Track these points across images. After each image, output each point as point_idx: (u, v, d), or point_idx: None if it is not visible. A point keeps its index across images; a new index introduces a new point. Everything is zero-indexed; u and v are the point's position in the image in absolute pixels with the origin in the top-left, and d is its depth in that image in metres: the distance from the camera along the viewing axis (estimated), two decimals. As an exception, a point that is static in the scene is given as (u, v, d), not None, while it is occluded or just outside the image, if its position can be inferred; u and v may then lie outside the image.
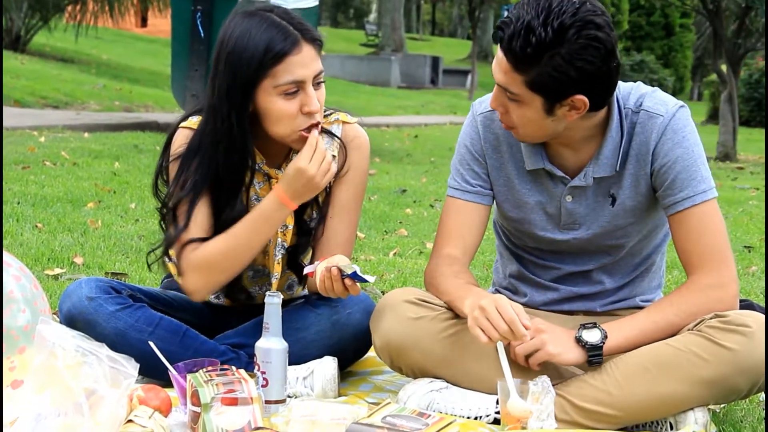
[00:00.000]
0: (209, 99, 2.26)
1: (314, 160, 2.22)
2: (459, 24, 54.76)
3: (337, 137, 2.42)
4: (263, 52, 2.18)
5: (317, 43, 2.26)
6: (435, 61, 29.95)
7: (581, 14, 2.04)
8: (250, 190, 2.39)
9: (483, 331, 2.06)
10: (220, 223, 2.32)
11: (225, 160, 2.28)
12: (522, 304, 2.38)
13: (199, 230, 2.31)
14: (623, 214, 2.31)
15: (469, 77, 27.25)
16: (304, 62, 2.22)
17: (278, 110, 2.23)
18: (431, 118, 17.51)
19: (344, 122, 2.44)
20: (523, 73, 2.09)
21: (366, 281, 2.18)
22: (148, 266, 2.45)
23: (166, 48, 18.72)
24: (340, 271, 2.18)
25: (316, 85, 2.26)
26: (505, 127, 2.24)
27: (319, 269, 2.22)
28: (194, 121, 2.37)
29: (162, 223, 2.41)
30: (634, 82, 2.33)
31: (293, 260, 2.42)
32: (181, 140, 2.36)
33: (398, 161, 9.80)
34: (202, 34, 8.53)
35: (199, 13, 8.57)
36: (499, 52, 2.12)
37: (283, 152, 2.39)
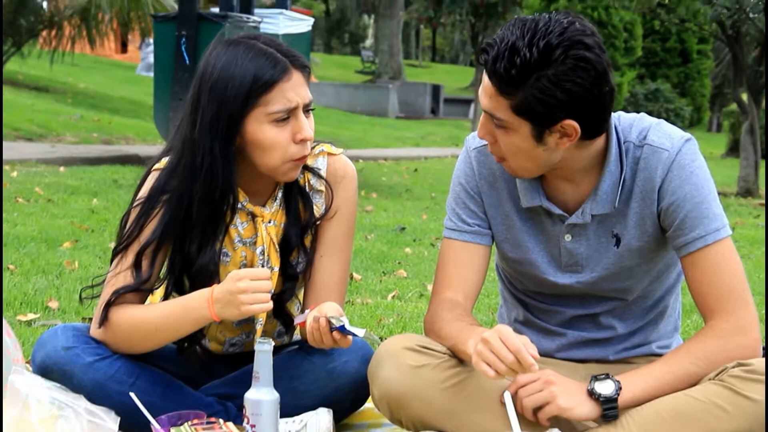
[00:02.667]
0: (187, 134, 2.27)
1: (251, 284, 2.17)
2: (461, 50, 55.09)
3: (322, 177, 2.43)
4: (252, 81, 2.21)
5: (306, 70, 2.30)
6: (435, 89, 30.09)
7: (569, 34, 2.06)
8: (233, 232, 2.40)
9: (488, 364, 2.05)
10: (192, 274, 2.33)
11: (202, 199, 2.28)
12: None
13: (141, 280, 2.32)
14: (629, 256, 2.31)
15: (472, 107, 27.37)
16: (295, 88, 2.25)
17: (270, 139, 2.25)
18: (432, 151, 17.57)
19: (329, 154, 2.46)
20: (509, 96, 2.11)
21: (354, 335, 2.19)
22: (80, 300, 2.46)
23: (147, 76, 18.73)
24: (329, 322, 2.19)
25: (306, 113, 2.29)
26: (496, 159, 2.26)
27: (309, 319, 2.22)
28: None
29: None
30: (649, 111, 2.35)
31: (279, 307, 2.43)
32: (148, 186, 2.37)
33: (397, 197, 9.82)
34: (187, 61, 8.59)
35: (183, 39, 8.64)
36: (484, 77, 2.15)
37: (268, 189, 2.41)
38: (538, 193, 2.32)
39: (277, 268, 2.41)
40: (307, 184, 2.43)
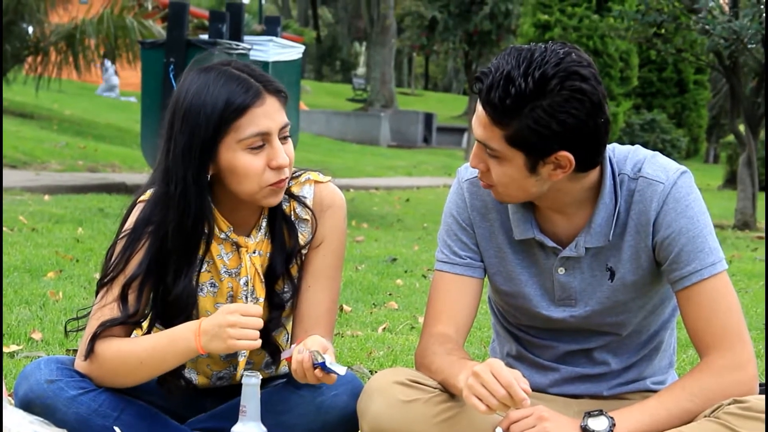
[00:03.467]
0: (163, 163, 2.30)
1: (241, 319, 2.18)
2: (454, 78, 55.31)
3: (307, 206, 2.44)
4: (223, 107, 2.23)
5: (281, 95, 2.31)
6: (428, 117, 30.18)
7: (565, 65, 2.09)
8: (219, 263, 2.40)
9: (480, 399, 2.06)
10: (167, 306, 2.34)
11: (176, 228, 2.29)
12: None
13: (128, 314, 2.32)
14: (623, 290, 2.32)
15: (465, 136, 27.46)
16: (268, 114, 2.27)
17: (244, 166, 2.26)
18: (424, 180, 17.60)
19: (316, 182, 2.47)
20: (503, 127, 2.12)
21: (335, 373, 2.19)
22: (65, 332, 2.46)
23: (135, 103, 18.77)
24: (312, 358, 2.19)
25: (283, 139, 2.31)
26: (483, 185, 2.28)
27: (294, 354, 2.23)
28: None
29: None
30: (645, 142, 2.37)
31: (265, 337, 2.43)
32: (132, 219, 2.38)
33: (388, 227, 9.83)
34: (175, 88, 8.62)
35: (171, 66, 8.65)
36: (478, 106, 2.17)
37: (253, 218, 2.42)
38: (531, 225, 2.33)
39: (262, 299, 2.42)
40: (292, 213, 2.44)
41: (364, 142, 25.72)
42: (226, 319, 2.18)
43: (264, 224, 2.42)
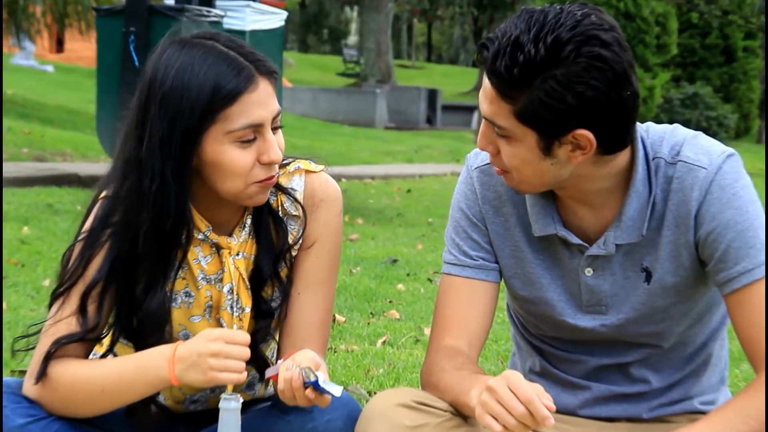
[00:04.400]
0: (132, 152, 2.27)
1: (225, 347, 2.16)
2: (461, 48, 55.36)
3: (297, 200, 2.43)
4: (211, 92, 2.21)
5: (273, 76, 2.30)
6: (432, 94, 30.20)
7: (582, 28, 2.08)
8: (195, 268, 2.39)
9: (495, 418, 2.03)
10: (139, 323, 2.32)
11: (150, 231, 2.27)
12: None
13: (87, 328, 2.30)
14: (662, 293, 2.32)
15: (475, 115, 27.48)
16: (262, 101, 2.25)
17: (231, 162, 2.25)
18: (428, 167, 17.60)
19: (307, 171, 2.46)
20: (511, 101, 2.12)
21: (329, 394, 2.19)
22: (12, 352, 2.44)
23: (88, 80, 18.71)
24: (303, 375, 2.19)
25: (274, 129, 2.30)
26: (496, 171, 2.28)
27: (281, 372, 2.22)
28: None
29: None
30: (686, 120, 2.37)
31: (252, 350, 2.42)
32: (92, 217, 2.36)
33: (387, 223, 9.84)
34: (137, 63, 8.60)
35: (132, 36, 8.66)
36: (484, 78, 2.16)
37: (235, 215, 2.41)
38: (553, 219, 2.33)
39: (248, 309, 2.41)
40: (280, 207, 2.44)
41: (357, 123, 25.73)
42: (208, 348, 2.16)
43: (248, 222, 2.41)
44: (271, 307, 2.44)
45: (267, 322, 2.44)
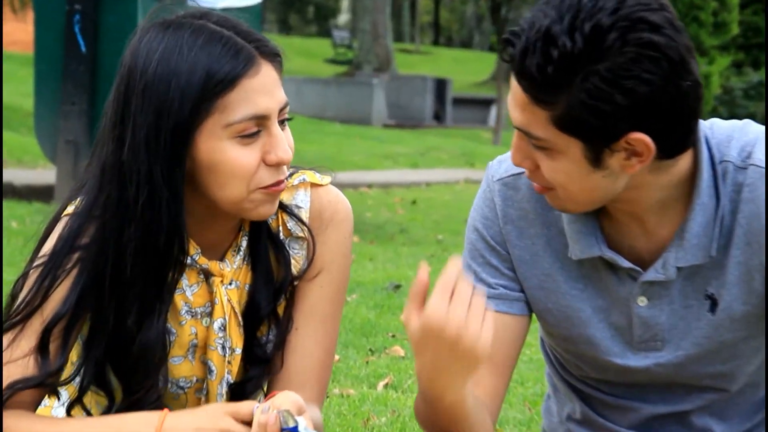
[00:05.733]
0: (109, 157, 2.26)
1: (237, 428, 2.16)
2: (476, 29, 55.50)
3: (302, 221, 2.41)
4: (204, 77, 2.19)
5: (278, 60, 2.29)
6: (440, 85, 30.27)
7: (626, 10, 2.06)
8: (178, 300, 2.37)
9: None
10: (133, 360, 2.28)
11: (139, 249, 2.24)
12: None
13: (48, 371, 2.28)
14: (730, 325, 2.31)
15: (493, 110, 27.55)
16: (266, 87, 2.24)
17: (231, 162, 2.23)
18: (436, 174, 17.64)
19: (313, 185, 2.45)
20: (548, 106, 2.11)
21: None
22: None
23: (24, 68, 18.75)
24: (280, 420, 2.19)
25: (281, 123, 2.29)
26: (537, 189, 2.26)
27: (256, 415, 2.22)
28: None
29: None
30: (750, 114, 2.35)
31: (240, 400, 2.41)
32: (53, 238, 2.32)
33: (388, 241, 9.85)
34: (83, 49, 8.62)
35: (77, 16, 8.67)
36: (513, 81, 2.16)
37: (228, 236, 2.39)
38: (596, 239, 2.32)
39: (239, 350, 2.40)
40: (281, 228, 2.42)
41: (350, 120, 25.76)
42: (217, 426, 2.16)
43: (244, 244, 2.40)
44: (266, 352, 2.42)
45: (260, 369, 2.42)
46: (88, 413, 2.36)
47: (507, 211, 2.40)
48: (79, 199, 2.34)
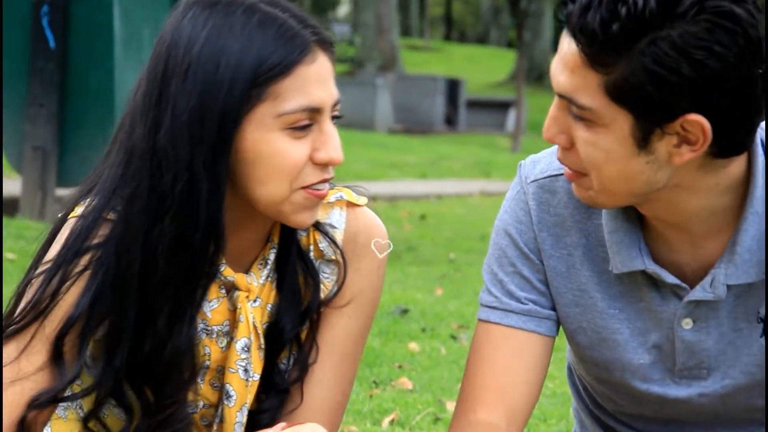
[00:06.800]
0: (141, 142, 2.24)
1: None
2: (492, 23, 55.54)
3: (336, 243, 2.41)
4: (258, 58, 2.20)
5: (332, 51, 2.31)
6: (452, 86, 30.29)
7: None
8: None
9: None
10: (164, 366, 2.27)
11: (174, 244, 2.23)
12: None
13: (63, 377, 2.28)
14: None
15: (512, 113, 27.54)
16: (321, 78, 2.26)
17: (279, 155, 2.23)
18: (448, 185, 17.64)
19: (350, 204, 2.45)
20: (604, 69, 2.11)
21: None
22: None
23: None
24: None
25: (332, 119, 2.30)
26: (567, 175, 2.27)
27: None
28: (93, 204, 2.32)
29: None
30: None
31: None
32: (60, 241, 2.31)
33: (394, 260, 9.85)
34: (52, 45, 8.64)
35: (45, 7, 8.70)
36: (564, 41, 2.16)
37: (256, 246, 2.39)
38: (639, 251, 2.32)
39: (257, 376, 2.40)
40: (313, 247, 2.43)
41: (351, 125, 25.76)
42: None
43: (271, 257, 2.40)
44: (285, 380, 2.43)
45: (277, 400, 2.43)
46: (105, 428, 2.36)
47: (542, 217, 2.40)
48: (89, 199, 2.32)
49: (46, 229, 2.37)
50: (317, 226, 2.40)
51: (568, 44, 2.13)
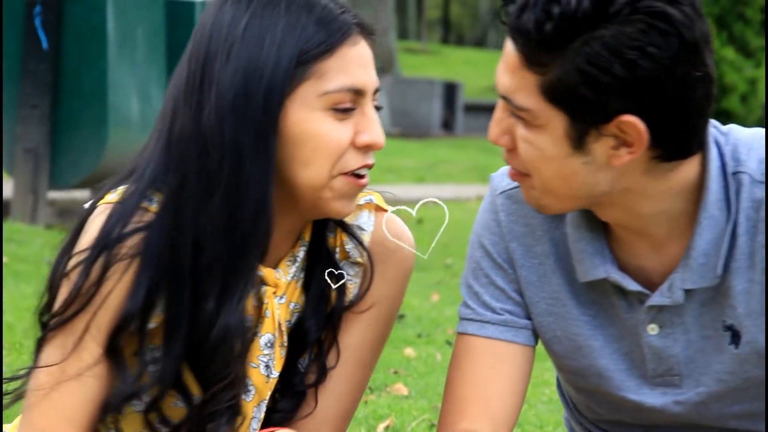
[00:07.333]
0: (186, 124, 2.24)
1: None
2: (490, 26, 55.57)
3: (364, 246, 2.42)
4: (303, 37, 2.23)
5: (373, 40, 2.33)
6: (450, 89, 30.29)
7: None
8: None
9: None
10: (209, 351, 2.26)
11: (221, 223, 2.22)
12: None
13: (126, 377, 2.27)
14: (757, 360, 2.31)
15: (511, 117, 27.49)
16: (364, 61, 2.30)
17: (322, 135, 2.25)
18: (445, 190, 17.65)
19: (379, 208, 2.47)
20: (539, 69, 2.12)
21: None
22: None
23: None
24: None
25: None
26: (512, 175, 2.28)
27: None
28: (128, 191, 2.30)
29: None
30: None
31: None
32: (97, 227, 2.27)
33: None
34: (45, 45, 8.65)
35: (38, 8, 8.70)
36: (506, 43, 2.17)
37: (287, 240, 2.39)
38: (603, 259, 2.32)
39: (276, 374, 2.40)
40: (339, 249, 2.43)
41: (347, 128, 25.80)
42: None
43: (300, 255, 2.40)
44: (303, 383, 2.43)
45: (293, 403, 2.43)
46: (164, 419, 2.34)
47: (512, 227, 2.42)
48: (124, 186, 2.31)
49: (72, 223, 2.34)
50: (345, 226, 2.41)
51: (508, 45, 2.16)
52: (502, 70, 2.18)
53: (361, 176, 2.30)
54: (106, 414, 2.28)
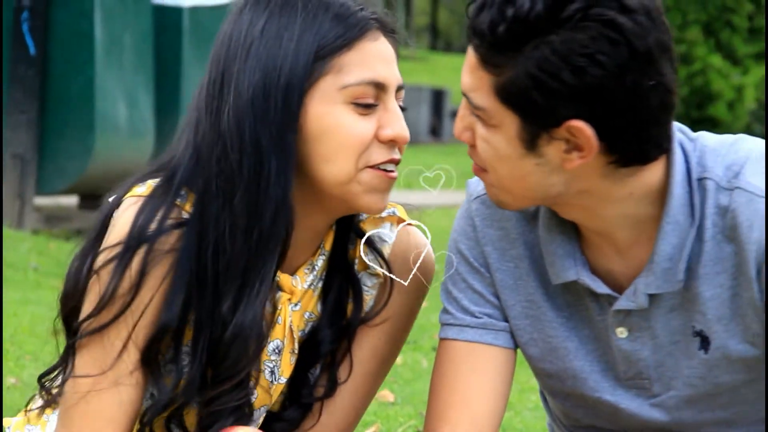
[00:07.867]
0: (207, 128, 2.24)
1: None
2: (479, 32, 55.40)
3: (383, 257, 2.42)
4: (321, 32, 2.24)
5: (394, 37, 2.34)
6: (437, 96, 30.25)
7: None
8: None
9: None
10: (224, 349, 2.25)
11: (241, 221, 2.22)
12: None
13: (163, 387, 2.27)
14: (728, 366, 2.31)
15: (499, 124, 27.44)
16: (384, 56, 2.30)
17: (344, 129, 2.25)
18: (432, 197, 17.59)
19: (400, 221, 2.47)
20: (494, 70, 2.13)
21: None
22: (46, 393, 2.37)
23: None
24: None
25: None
26: (474, 170, 2.29)
27: None
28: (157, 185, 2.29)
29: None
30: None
31: None
32: (128, 221, 2.25)
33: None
34: (33, 51, 8.63)
35: (25, 13, 8.68)
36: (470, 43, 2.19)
37: (307, 247, 2.38)
38: (574, 262, 2.33)
39: (284, 379, 2.40)
40: (358, 260, 2.42)
41: (334, 135, 25.74)
42: None
43: (319, 264, 2.40)
44: (312, 396, 2.42)
45: (299, 414, 2.43)
46: (183, 427, 2.34)
47: (486, 231, 2.43)
48: (149, 182, 2.29)
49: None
50: (366, 239, 2.39)
51: (470, 46, 2.17)
52: (464, 69, 2.19)
53: (389, 170, 2.29)
54: (143, 426, 2.28)
